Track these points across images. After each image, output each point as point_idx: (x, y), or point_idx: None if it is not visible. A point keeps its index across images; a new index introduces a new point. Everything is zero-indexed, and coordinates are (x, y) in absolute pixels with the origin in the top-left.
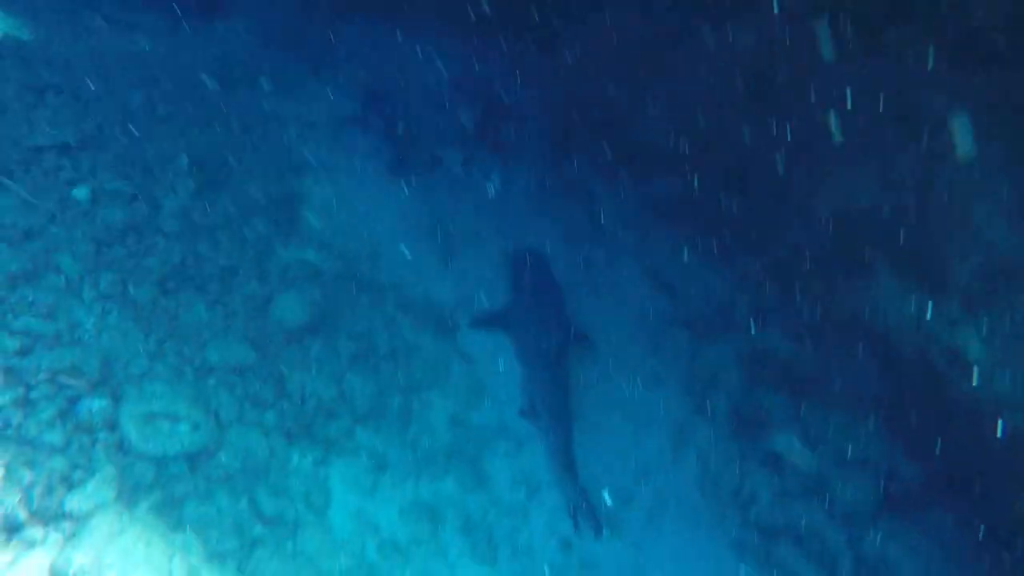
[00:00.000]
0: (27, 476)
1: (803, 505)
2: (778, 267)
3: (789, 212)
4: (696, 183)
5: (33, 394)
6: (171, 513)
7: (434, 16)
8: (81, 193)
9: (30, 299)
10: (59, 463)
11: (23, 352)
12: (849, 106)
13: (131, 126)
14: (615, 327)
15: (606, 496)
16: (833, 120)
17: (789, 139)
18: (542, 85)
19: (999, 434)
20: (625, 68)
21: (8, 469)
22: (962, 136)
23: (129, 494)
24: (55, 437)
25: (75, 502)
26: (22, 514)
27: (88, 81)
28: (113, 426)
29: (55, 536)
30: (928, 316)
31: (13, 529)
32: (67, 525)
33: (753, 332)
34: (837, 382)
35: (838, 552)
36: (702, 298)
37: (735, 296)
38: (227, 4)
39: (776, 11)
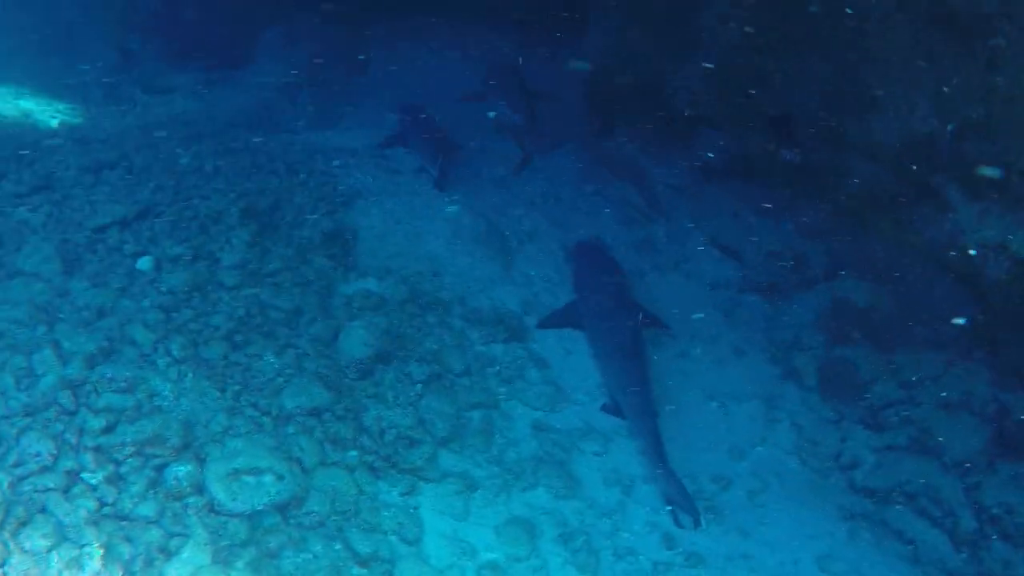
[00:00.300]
0: (127, 551)
1: (911, 461)
2: (844, 212)
3: (846, 153)
4: (744, 140)
5: (123, 469)
6: (268, 567)
7: (457, 20)
8: (145, 264)
9: (109, 375)
10: (154, 534)
11: (108, 429)
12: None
13: (182, 188)
14: (686, 303)
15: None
16: None
17: (830, 77)
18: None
19: None
20: (652, 35)
21: (108, 547)
22: None
23: (225, 554)
24: (148, 509)
25: (174, 571)
26: None
27: (138, 151)
28: (201, 489)
29: None
30: (1012, 235)
31: None
32: None
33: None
34: (925, 323)
35: (956, 506)
36: (770, 258)
37: (804, 250)
38: (255, 53)
39: None
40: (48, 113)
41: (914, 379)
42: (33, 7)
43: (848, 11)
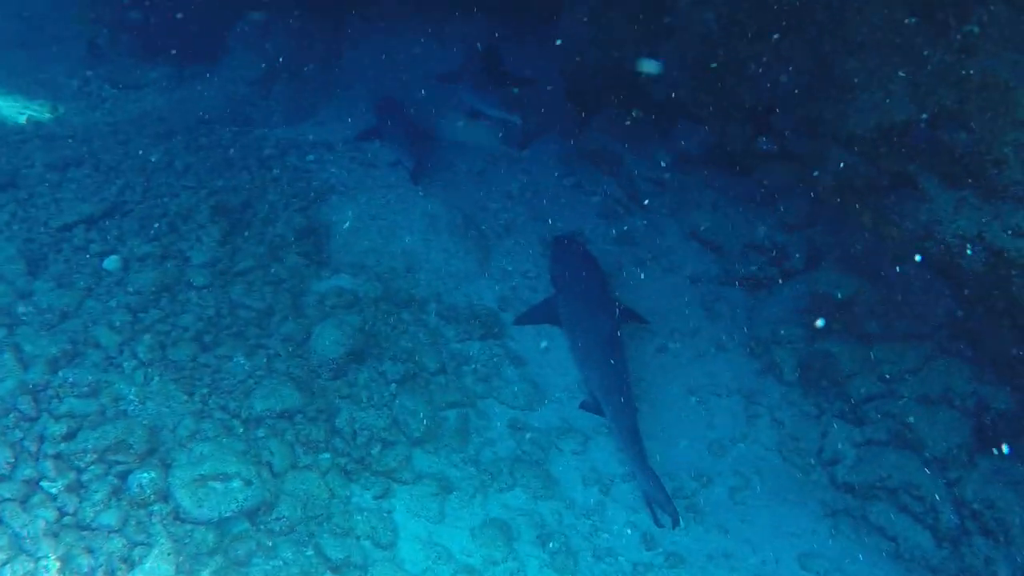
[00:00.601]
0: (87, 563)
1: (892, 455)
2: (823, 203)
3: (824, 142)
4: (722, 130)
5: (84, 476)
6: (236, 575)
7: (432, 11)
8: (112, 263)
9: (71, 380)
10: (116, 544)
11: (70, 436)
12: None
13: (151, 185)
14: (666, 297)
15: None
16: None
17: (807, 63)
18: (550, 56)
19: None
20: (627, 21)
21: (67, 559)
22: None
23: (191, 563)
24: (110, 518)
25: None
26: None
27: (106, 148)
28: (166, 496)
29: None
30: (989, 225)
31: None
32: None
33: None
34: (904, 315)
35: (937, 501)
36: (750, 250)
37: (784, 241)
38: (228, 47)
39: None
40: (16, 109)
41: (894, 373)
42: (2, 3)
43: None
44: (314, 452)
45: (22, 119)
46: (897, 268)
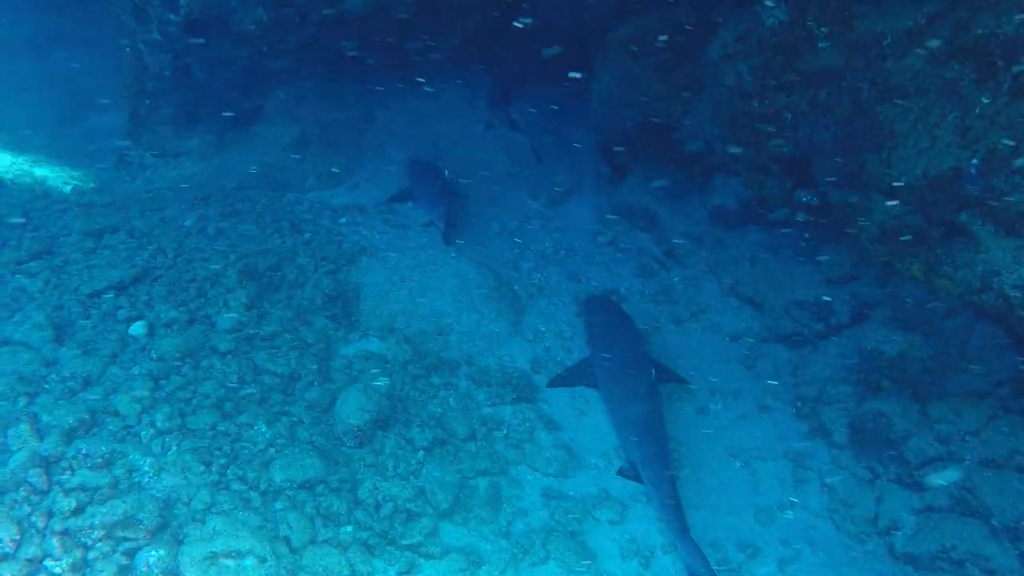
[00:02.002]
0: None
1: (955, 524)
2: (868, 255)
3: (867, 192)
4: (760, 183)
5: (91, 555)
6: None
7: (462, 73)
8: (138, 329)
9: (85, 451)
10: None
11: (78, 511)
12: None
13: (183, 251)
14: (705, 356)
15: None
16: None
17: (846, 112)
18: (582, 113)
19: None
20: (658, 75)
21: None
22: None
23: None
24: None
25: None
26: None
27: (142, 215)
28: None
29: None
30: None
31: None
32: None
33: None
34: (962, 372)
35: (1009, 574)
36: (792, 306)
37: (828, 296)
38: (265, 114)
39: None
40: (62, 180)
41: (953, 434)
42: (54, 80)
43: (861, 44)
44: (335, 525)
45: (67, 189)
46: (952, 322)
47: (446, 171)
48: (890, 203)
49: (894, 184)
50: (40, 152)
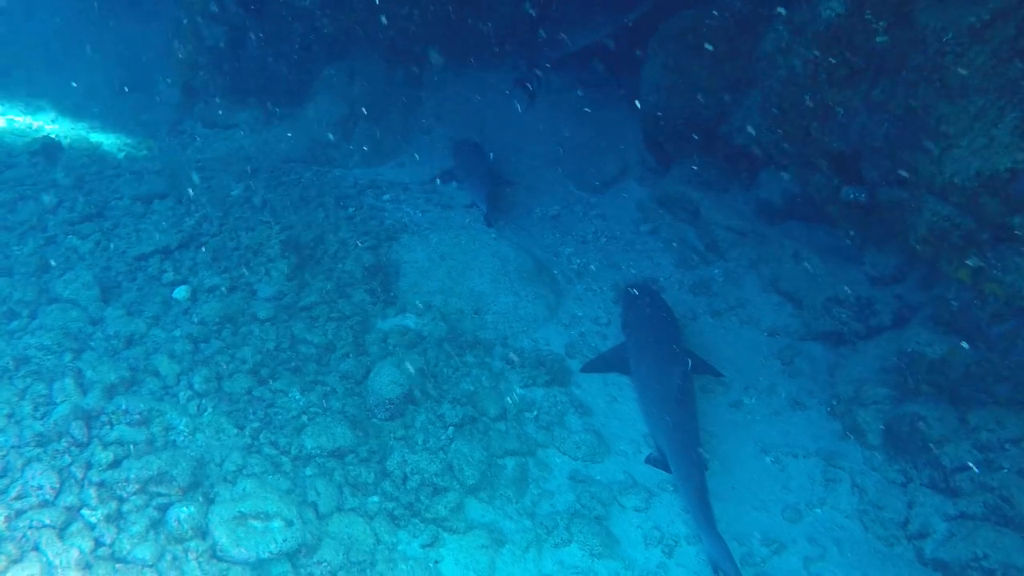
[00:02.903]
0: None
1: (989, 532)
2: (915, 255)
3: (917, 192)
4: (807, 178)
5: (125, 507)
6: None
7: (512, 57)
8: (181, 293)
9: (124, 407)
10: None
11: (115, 464)
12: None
13: (228, 219)
14: (742, 350)
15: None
16: None
17: (900, 109)
18: (629, 100)
19: None
20: (709, 68)
21: None
22: None
23: None
24: (145, 552)
25: None
26: None
27: (191, 183)
28: (204, 533)
29: None
30: None
31: None
32: None
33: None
34: (1006, 379)
35: None
36: (833, 304)
37: (870, 296)
38: (315, 91)
39: None
40: (116, 147)
41: (993, 441)
42: (114, 50)
43: (920, 40)
44: (362, 495)
45: (120, 155)
46: (998, 327)
47: (491, 154)
48: (941, 204)
49: (946, 183)
50: (97, 119)
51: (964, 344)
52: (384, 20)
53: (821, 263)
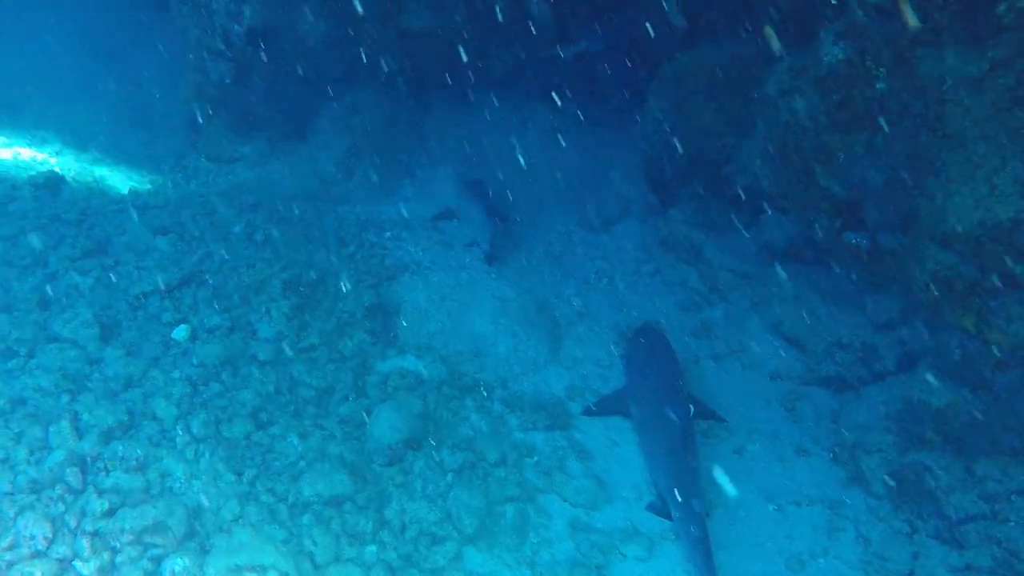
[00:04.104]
0: None
1: None
2: (919, 302)
3: (919, 239)
4: (809, 222)
5: (119, 558)
6: None
7: (514, 95)
8: (180, 333)
9: (121, 453)
10: None
11: (110, 512)
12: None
13: (230, 255)
14: (744, 395)
15: None
16: None
17: (902, 156)
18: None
19: None
20: (711, 109)
21: None
22: None
23: None
24: None
25: None
26: None
27: (193, 219)
28: None
29: None
30: None
31: None
32: None
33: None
34: (1012, 429)
35: None
36: (836, 349)
37: (874, 342)
38: (318, 125)
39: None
40: (120, 181)
41: (1000, 493)
42: (120, 83)
43: (921, 88)
44: (360, 544)
45: (124, 190)
46: (1002, 376)
47: (490, 191)
48: (943, 252)
49: (949, 232)
50: (102, 152)
51: (967, 393)
52: (387, 59)
53: (823, 306)
